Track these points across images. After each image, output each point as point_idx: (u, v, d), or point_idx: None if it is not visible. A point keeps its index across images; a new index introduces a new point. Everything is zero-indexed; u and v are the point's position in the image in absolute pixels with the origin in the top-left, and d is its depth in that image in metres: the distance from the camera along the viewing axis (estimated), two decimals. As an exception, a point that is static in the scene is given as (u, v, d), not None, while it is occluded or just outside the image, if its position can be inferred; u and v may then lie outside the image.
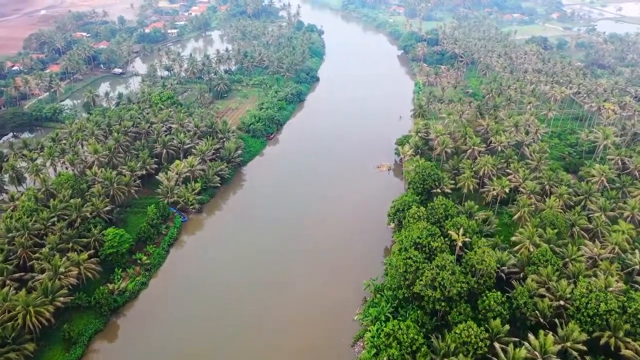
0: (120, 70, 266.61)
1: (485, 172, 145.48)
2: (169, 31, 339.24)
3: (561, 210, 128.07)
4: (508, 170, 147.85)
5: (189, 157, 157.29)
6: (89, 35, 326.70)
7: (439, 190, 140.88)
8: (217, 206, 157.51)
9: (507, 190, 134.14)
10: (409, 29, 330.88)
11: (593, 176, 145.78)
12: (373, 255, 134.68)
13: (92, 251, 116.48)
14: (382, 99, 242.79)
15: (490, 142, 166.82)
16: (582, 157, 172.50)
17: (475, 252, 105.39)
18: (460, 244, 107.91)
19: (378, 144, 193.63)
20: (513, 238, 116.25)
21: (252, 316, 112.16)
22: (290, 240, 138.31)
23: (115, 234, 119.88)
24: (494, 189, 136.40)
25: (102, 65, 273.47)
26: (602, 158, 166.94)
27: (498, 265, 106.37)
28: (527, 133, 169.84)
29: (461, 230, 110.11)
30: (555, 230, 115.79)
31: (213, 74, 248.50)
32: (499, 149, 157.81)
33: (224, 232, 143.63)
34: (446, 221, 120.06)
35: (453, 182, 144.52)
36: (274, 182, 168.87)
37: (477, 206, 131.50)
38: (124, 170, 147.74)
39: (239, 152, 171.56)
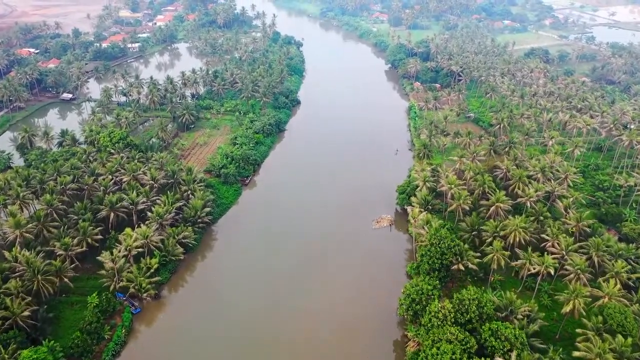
0: (70, 96, 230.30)
1: (516, 239, 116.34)
2: (130, 45, 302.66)
3: (624, 300, 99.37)
4: (544, 236, 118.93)
5: (142, 225, 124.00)
6: (37, 51, 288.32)
7: (462, 267, 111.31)
8: (180, 283, 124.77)
9: (552, 270, 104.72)
10: (397, 41, 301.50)
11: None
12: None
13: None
14: (372, 125, 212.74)
15: (513, 190, 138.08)
16: (618, 204, 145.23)
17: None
18: (514, 378, 78.09)
19: (374, 188, 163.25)
20: (577, 353, 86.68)
21: None
22: (270, 336, 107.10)
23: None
24: (533, 267, 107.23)
25: (50, 89, 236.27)
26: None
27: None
28: (555, 178, 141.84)
29: (513, 357, 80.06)
30: (630, 340, 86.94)
31: (178, 98, 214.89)
32: (528, 204, 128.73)
33: (188, 322, 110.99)
34: (483, 326, 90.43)
35: (478, 254, 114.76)
36: (250, 245, 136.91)
37: (515, 296, 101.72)
38: (56, 248, 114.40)
39: (208, 209, 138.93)
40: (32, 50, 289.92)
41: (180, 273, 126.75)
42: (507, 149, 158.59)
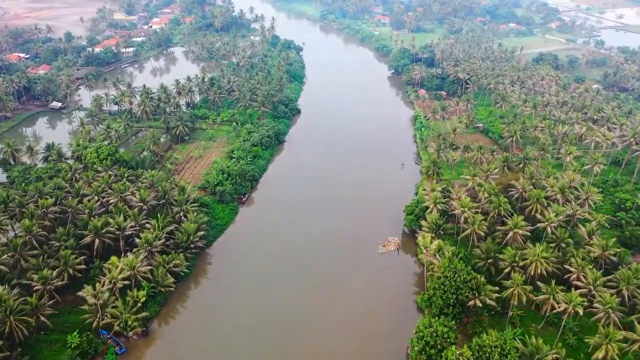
0: (59, 104, 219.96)
1: (537, 270, 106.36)
2: (123, 50, 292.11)
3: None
4: (567, 267, 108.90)
5: (129, 254, 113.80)
6: (27, 56, 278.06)
7: (479, 303, 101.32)
8: (171, 315, 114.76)
9: (580, 310, 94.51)
10: (400, 45, 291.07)
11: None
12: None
13: None
14: (376, 135, 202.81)
15: (530, 212, 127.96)
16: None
17: None
18: None
19: (379, 206, 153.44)
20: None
21: None
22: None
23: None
24: (558, 305, 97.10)
25: (39, 98, 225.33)
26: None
27: None
28: (575, 198, 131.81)
29: None
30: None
31: (173, 107, 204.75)
32: (549, 229, 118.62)
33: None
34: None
35: (497, 288, 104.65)
36: (247, 271, 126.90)
37: (541, 340, 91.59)
38: (33, 282, 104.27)
39: (201, 233, 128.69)
40: (22, 55, 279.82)
41: (171, 305, 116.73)
42: (521, 165, 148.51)
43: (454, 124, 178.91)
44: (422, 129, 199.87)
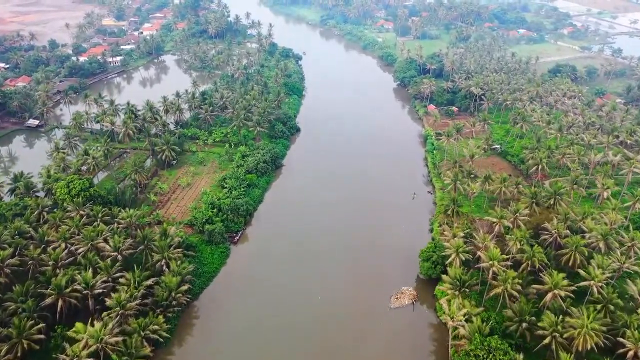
0: (36, 122, 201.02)
1: (586, 345, 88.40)
2: (110, 59, 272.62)
3: None
4: (621, 340, 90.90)
5: (95, 322, 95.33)
6: (7, 66, 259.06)
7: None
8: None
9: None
10: (407, 55, 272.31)
11: None
12: None
13: None
14: (383, 156, 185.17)
15: (567, 263, 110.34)
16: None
17: None
18: None
19: (389, 245, 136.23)
20: None
21: None
22: None
23: None
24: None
25: (16, 115, 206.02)
26: None
27: None
28: (620, 244, 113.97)
29: None
30: None
31: (160, 127, 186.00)
32: (594, 289, 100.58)
33: None
34: None
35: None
36: (240, 326, 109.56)
37: None
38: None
39: (186, 287, 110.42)
40: (1, 65, 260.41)
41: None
42: (551, 201, 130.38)
43: (471, 149, 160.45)
44: (434, 151, 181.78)
